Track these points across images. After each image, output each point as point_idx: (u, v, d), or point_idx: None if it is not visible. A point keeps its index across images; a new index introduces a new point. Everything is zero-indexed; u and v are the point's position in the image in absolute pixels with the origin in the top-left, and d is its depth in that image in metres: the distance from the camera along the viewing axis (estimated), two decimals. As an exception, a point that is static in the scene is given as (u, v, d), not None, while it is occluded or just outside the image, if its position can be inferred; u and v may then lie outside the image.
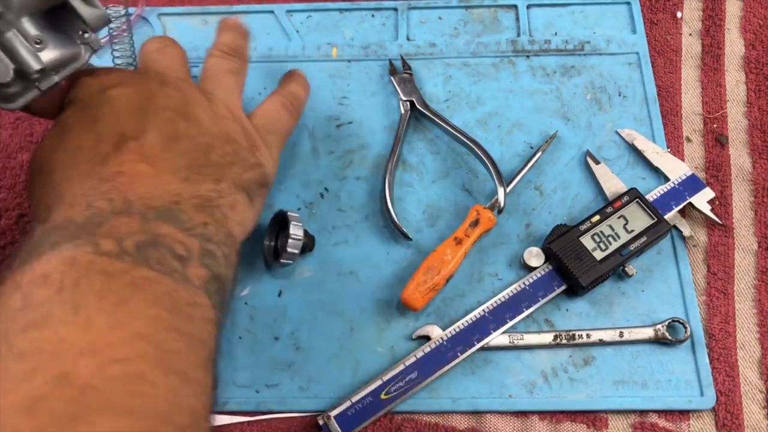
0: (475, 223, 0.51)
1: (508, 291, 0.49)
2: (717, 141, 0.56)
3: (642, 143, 0.55)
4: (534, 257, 0.50)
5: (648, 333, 0.48)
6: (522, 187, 0.54)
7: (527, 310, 0.48)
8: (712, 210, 0.52)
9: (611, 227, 0.50)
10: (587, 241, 0.49)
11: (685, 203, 0.52)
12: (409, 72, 0.59)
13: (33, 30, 0.34)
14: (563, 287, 0.49)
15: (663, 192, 0.52)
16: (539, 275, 0.50)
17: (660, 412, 0.46)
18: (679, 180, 0.52)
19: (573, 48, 0.60)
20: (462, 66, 0.60)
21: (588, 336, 0.48)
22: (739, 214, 0.53)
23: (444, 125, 0.56)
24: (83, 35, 0.36)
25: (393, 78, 0.58)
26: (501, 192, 0.51)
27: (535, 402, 0.47)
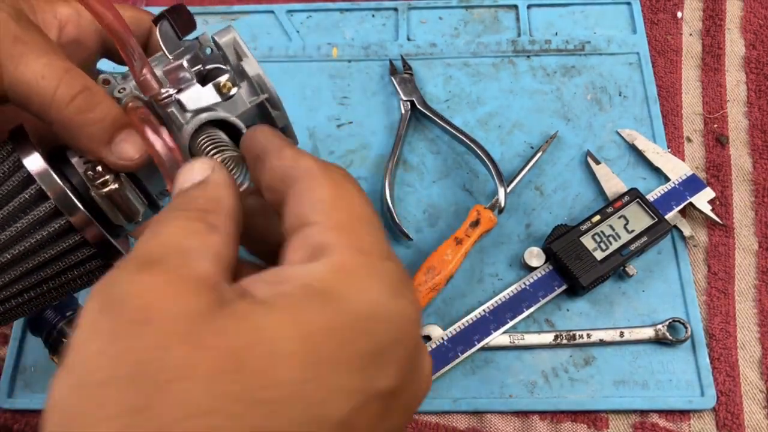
0: (476, 223, 0.51)
1: (508, 291, 0.49)
2: (717, 141, 0.56)
3: (642, 143, 0.55)
4: (534, 257, 0.50)
5: (648, 333, 0.48)
6: (522, 187, 0.54)
7: (528, 310, 0.48)
8: (712, 210, 0.52)
9: (612, 227, 0.50)
10: (588, 241, 0.49)
11: (686, 203, 0.52)
12: (410, 72, 0.59)
13: None
14: (564, 287, 0.49)
15: (663, 192, 0.52)
16: (540, 275, 0.50)
17: (660, 412, 0.46)
18: (680, 180, 0.52)
19: (573, 48, 0.60)
20: (462, 66, 0.60)
21: (588, 336, 0.48)
22: (740, 214, 0.53)
23: (444, 125, 0.56)
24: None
25: (393, 78, 0.58)
26: (501, 192, 0.51)
27: (536, 402, 0.47)
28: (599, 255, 0.49)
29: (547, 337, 0.48)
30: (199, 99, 0.29)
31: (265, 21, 0.63)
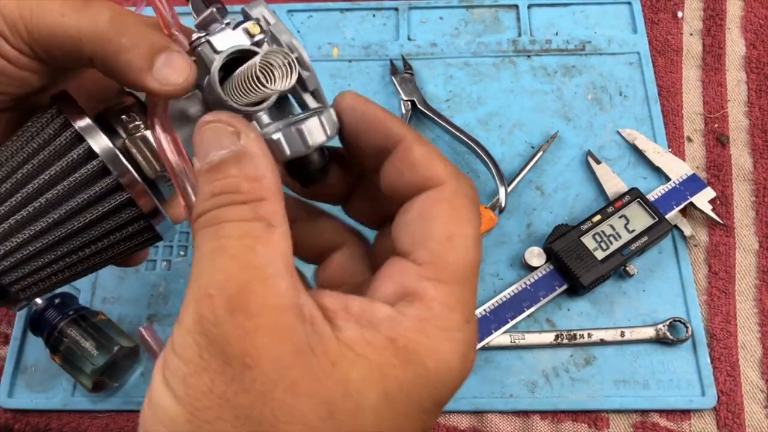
0: (476, 223, 0.51)
1: (509, 291, 0.49)
2: (718, 141, 0.56)
3: (643, 143, 0.55)
4: (535, 257, 0.50)
5: (649, 333, 0.48)
6: (523, 187, 0.54)
7: (528, 309, 0.49)
8: (713, 210, 0.52)
9: (612, 227, 0.50)
10: (588, 241, 0.49)
11: (686, 203, 0.52)
12: (410, 72, 0.59)
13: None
14: (564, 287, 0.49)
15: (664, 192, 0.52)
16: (540, 275, 0.50)
17: (661, 411, 0.46)
18: (680, 180, 0.53)
19: (574, 48, 0.60)
20: (463, 66, 0.60)
21: (589, 336, 0.48)
22: (740, 213, 0.53)
23: (445, 125, 0.56)
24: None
25: (394, 78, 0.58)
26: (502, 192, 0.51)
27: (537, 402, 0.47)
28: (600, 255, 0.49)
29: (548, 337, 0.48)
30: (230, 41, 0.29)
31: (266, 21, 0.63)
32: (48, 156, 0.30)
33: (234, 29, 0.29)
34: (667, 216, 0.50)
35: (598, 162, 0.54)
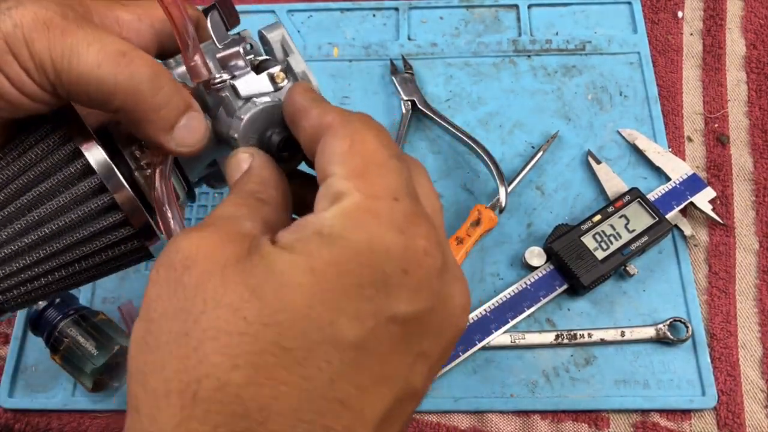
0: (477, 223, 0.51)
1: (509, 290, 0.49)
2: (718, 140, 0.56)
3: (643, 143, 0.55)
4: (535, 257, 0.50)
5: (649, 332, 0.48)
6: (523, 187, 0.54)
7: (528, 309, 0.49)
8: (713, 209, 0.52)
9: (612, 227, 0.50)
10: (588, 241, 0.49)
11: (687, 203, 0.52)
12: (411, 72, 0.59)
13: None
14: (564, 287, 0.49)
15: (664, 191, 0.52)
16: (540, 275, 0.50)
17: (661, 411, 0.47)
18: (681, 179, 0.53)
19: (574, 48, 0.60)
20: (463, 66, 0.60)
21: (589, 335, 0.48)
22: (741, 213, 0.53)
23: (445, 125, 0.56)
24: None
25: (394, 78, 0.58)
26: (502, 192, 0.51)
27: (537, 401, 0.47)
28: (600, 254, 0.49)
29: (548, 337, 0.48)
30: (253, 87, 0.30)
31: (266, 21, 0.62)
32: (44, 169, 0.29)
33: (258, 71, 0.30)
34: (668, 216, 0.50)
35: (598, 162, 0.54)
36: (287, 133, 0.30)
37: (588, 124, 0.57)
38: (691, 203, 0.52)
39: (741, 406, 0.46)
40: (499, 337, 0.48)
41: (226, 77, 0.29)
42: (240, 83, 0.30)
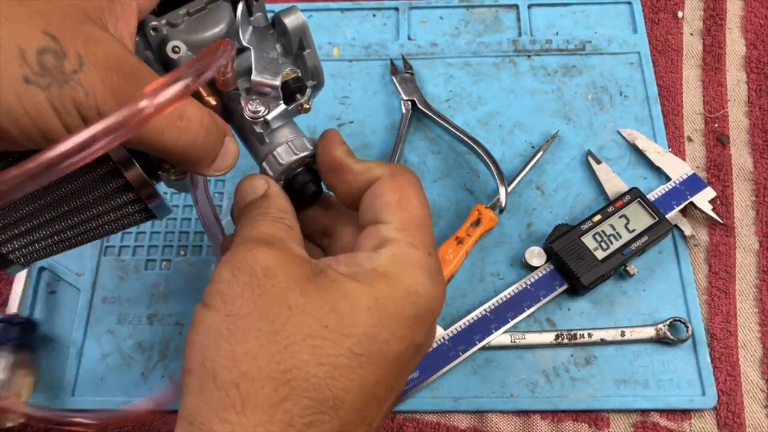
0: (477, 223, 0.51)
1: (509, 290, 0.49)
2: (718, 140, 0.56)
3: (643, 143, 0.55)
4: (535, 257, 0.50)
5: (649, 332, 0.48)
6: (523, 187, 0.54)
7: (529, 309, 0.49)
8: (713, 209, 0.52)
9: (612, 227, 0.50)
10: (588, 241, 0.49)
11: (687, 203, 0.52)
12: (411, 72, 0.59)
13: None
14: (564, 287, 0.49)
15: (664, 191, 0.52)
16: (541, 275, 0.50)
17: (661, 411, 0.47)
18: (681, 179, 0.53)
19: (574, 48, 0.60)
20: (463, 66, 0.60)
21: (589, 335, 0.48)
22: (741, 213, 0.53)
23: (445, 125, 0.56)
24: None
25: (394, 78, 0.58)
26: (502, 191, 0.51)
27: (537, 401, 0.47)
28: (600, 254, 0.49)
29: (548, 337, 0.48)
30: (281, 116, 0.35)
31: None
32: None
33: (287, 100, 0.34)
34: (668, 216, 0.50)
35: (598, 162, 0.54)
36: (318, 188, 0.35)
37: (588, 124, 0.57)
38: (691, 203, 0.52)
39: (741, 406, 0.46)
40: (499, 337, 0.48)
41: (262, 112, 0.33)
42: (272, 116, 0.34)
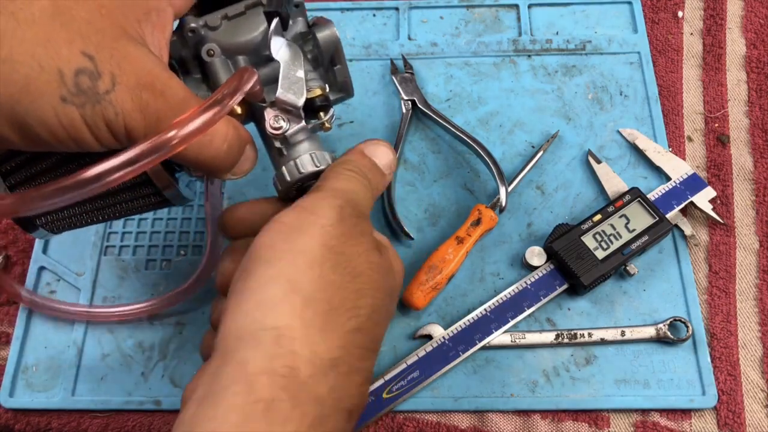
0: (477, 223, 0.51)
1: (509, 290, 0.49)
2: (718, 140, 0.56)
3: (643, 142, 0.55)
4: (535, 256, 0.50)
5: (649, 332, 0.48)
6: (523, 187, 0.54)
7: (529, 309, 0.48)
8: (713, 209, 0.52)
9: (613, 226, 0.50)
10: (589, 241, 0.49)
11: (687, 202, 0.52)
12: (411, 71, 0.59)
13: None
14: (565, 286, 0.49)
15: (664, 191, 0.52)
16: (541, 274, 0.50)
17: (662, 411, 0.46)
18: (681, 179, 0.53)
19: (574, 47, 0.60)
20: (463, 65, 0.60)
21: (590, 335, 0.48)
22: (741, 213, 0.53)
23: (445, 124, 0.56)
24: None
25: (394, 77, 0.58)
26: (502, 191, 0.51)
27: (537, 401, 0.47)
28: (600, 254, 0.49)
29: (549, 336, 0.48)
30: (302, 131, 0.36)
31: (266, 20, 0.63)
32: None
33: (309, 122, 0.36)
34: (668, 215, 0.50)
35: (598, 161, 0.54)
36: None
37: (588, 123, 0.57)
38: (692, 203, 0.52)
39: (741, 405, 0.46)
40: (500, 337, 0.48)
41: (285, 128, 0.35)
42: (291, 132, 0.36)
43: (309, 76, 0.38)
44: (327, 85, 0.38)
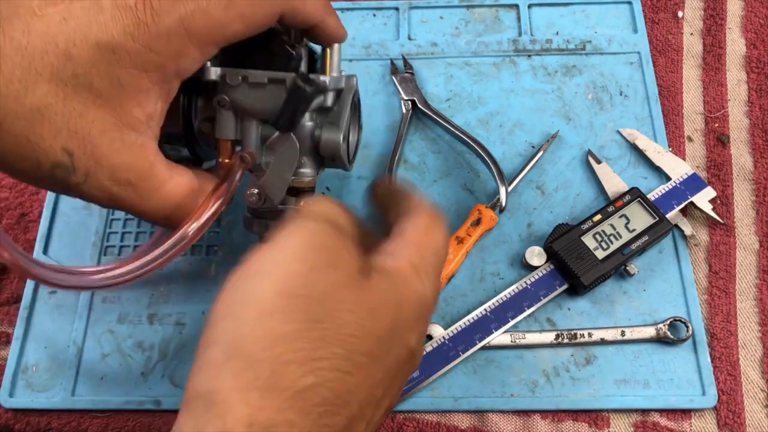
0: (477, 223, 0.51)
1: (509, 290, 0.49)
2: (718, 140, 0.56)
3: (643, 142, 0.55)
4: (535, 256, 0.50)
5: (650, 332, 0.48)
6: (523, 187, 0.54)
7: (529, 309, 0.48)
8: (713, 209, 0.52)
9: (613, 226, 0.50)
10: (589, 241, 0.49)
11: (687, 202, 0.52)
12: (411, 71, 0.59)
13: None
14: (565, 286, 0.49)
15: (664, 191, 0.52)
16: (541, 274, 0.50)
17: (662, 411, 0.46)
18: (681, 179, 0.53)
19: (574, 47, 0.60)
20: (463, 65, 0.60)
21: (590, 335, 0.48)
22: (741, 213, 0.53)
23: (445, 125, 0.56)
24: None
25: (394, 77, 0.58)
26: (502, 191, 0.51)
27: (537, 401, 0.47)
28: (600, 254, 0.49)
29: (549, 336, 0.48)
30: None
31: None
32: None
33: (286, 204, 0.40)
34: (668, 215, 0.50)
35: (598, 161, 0.54)
36: None
37: (588, 123, 0.57)
38: (692, 203, 0.52)
39: (741, 405, 0.46)
40: (500, 337, 0.48)
41: (256, 201, 0.39)
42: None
43: (303, 162, 0.40)
44: (318, 176, 0.41)
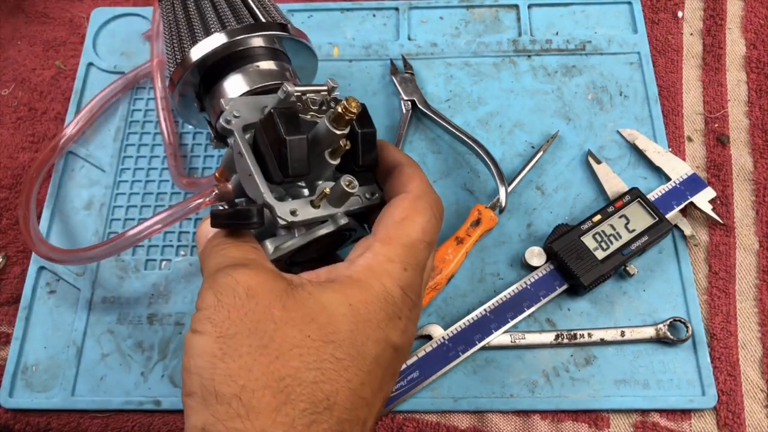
0: (477, 223, 0.51)
1: (509, 290, 0.49)
2: (718, 140, 0.56)
3: (643, 143, 0.55)
4: (535, 257, 0.50)
5: (649, 332, 0.48)
6: (523, 187, 0.54)
7: (529, 309, 0.48)
8: (713, 209, 0.52)
9: (612, 227, 0.50)
10: (588, 241, 0.49)
11: (687, 203, 0.52)
12: (411, 72, 0.59)
13: None
14: (565, 287, 0.49)
15: (664, 191, 0.52)
16: (540, 275, 0.50)
17: (661, 411, 0.47)
18: (681, 179, 0.53)
19: (574, 48, 0.60)
20: (463, 66, 0.60)
21: (589, 335, 0.48)
22: (741, 213, 0.53)
23: (445, 125, 0.56)
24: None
25: (394, 78, 0.58)
26: (502, 191, 0.51)
27: (537, 401, 0.47)
28: (600, 254, 0.49)
29: (548, 337, 0.48)
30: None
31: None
32: None
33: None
34: (668, 216, 0.50)
35: (598, 162, 0.54)
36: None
37: (588, 124, 0.57)
38: (691, 203, 0.52)
39: (741, 405, 0.46)
40: (499, 337, 0.48)
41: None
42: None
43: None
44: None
